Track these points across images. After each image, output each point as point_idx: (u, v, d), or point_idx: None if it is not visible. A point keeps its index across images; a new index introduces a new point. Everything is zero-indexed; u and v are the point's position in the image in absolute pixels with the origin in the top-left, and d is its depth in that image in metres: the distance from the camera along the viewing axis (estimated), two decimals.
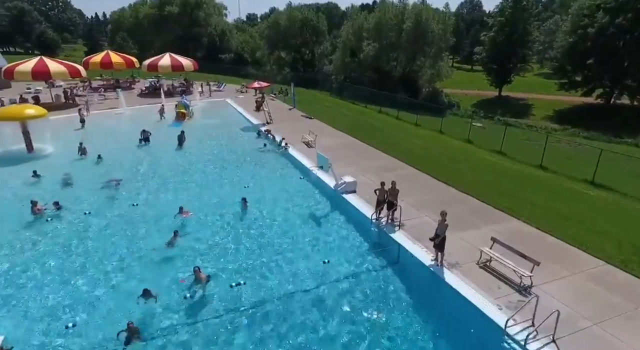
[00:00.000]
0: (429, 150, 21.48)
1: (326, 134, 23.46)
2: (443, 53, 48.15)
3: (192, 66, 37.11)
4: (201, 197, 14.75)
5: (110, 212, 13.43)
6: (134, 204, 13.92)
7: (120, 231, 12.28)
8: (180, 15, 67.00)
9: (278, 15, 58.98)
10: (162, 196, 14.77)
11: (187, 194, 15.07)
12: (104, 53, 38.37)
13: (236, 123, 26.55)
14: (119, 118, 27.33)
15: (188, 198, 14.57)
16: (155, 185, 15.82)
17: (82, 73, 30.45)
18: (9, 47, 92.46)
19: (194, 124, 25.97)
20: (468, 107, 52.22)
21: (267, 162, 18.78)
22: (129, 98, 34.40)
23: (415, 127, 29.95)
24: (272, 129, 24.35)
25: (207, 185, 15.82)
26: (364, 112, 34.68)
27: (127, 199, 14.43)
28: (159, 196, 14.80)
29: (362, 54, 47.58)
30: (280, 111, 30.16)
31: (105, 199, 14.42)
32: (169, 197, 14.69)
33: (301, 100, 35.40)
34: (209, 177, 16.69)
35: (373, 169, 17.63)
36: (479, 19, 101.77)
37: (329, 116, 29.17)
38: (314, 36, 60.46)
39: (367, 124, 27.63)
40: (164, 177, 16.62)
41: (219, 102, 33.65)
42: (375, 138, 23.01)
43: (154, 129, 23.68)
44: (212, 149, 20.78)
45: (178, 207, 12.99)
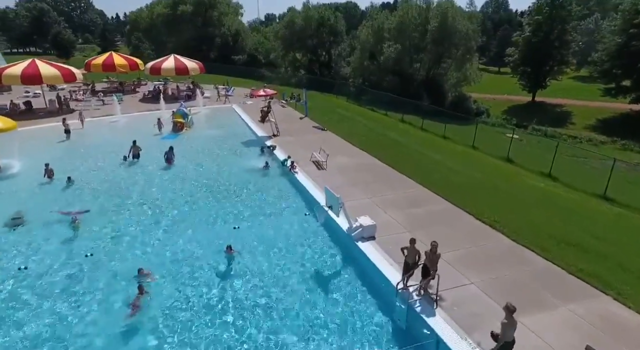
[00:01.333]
0: (465, 175, 17.77)
1: (340, 151, 20.07)
2: (471, 55, 43.91)
3: (198, 69, 34.40)
4: (175, 243, 11.61)
5: (57, 264, 10.44)
6: (88, 254, 10.87)
7: (62, 300, 9.17)
8: (194, 15, 64.91)
9: (293, 14, 55.90)
10: (125, 241, 11.68)
11: (161, 236, 11.98)
12: (107, 55, 36.11)
13: (239, 135, 23.47)
14: (111, 127, 24.69)
15: (160, 244, 11.50)
16: (124, 222, 12.76)
17: (77, 77, 28.08)
18: (29, 48, 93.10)
19: (191, 136, 23.05)
20: (498, 114, 47.78)
21: (267, 190, 15.52)
22: (130, 103, 32.03)
23: (444, 141, 26.16)
24: (278, 143, 21.17)
25: (188, 225, 12.68)
26: (384, 122, 31.06)
27: (82, 245, 11.39)
28: (121, 241, 11.68)
29: (382, 56, 43.92)
30: (290, 121, 26.94)
31: (56, 243, 11.40)
32: (136, 244, 11.58)
33: (315, 107, 32.12)
34: (193, 212, 13.54)
35: (397, 202, 14.13)
36: (507, 18, 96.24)
37: (344, 127, 25.77)
38: (331, 36, 57.08)
39: (388, 138, 24.06)
40: (139, 210, 13.60)
41: (224, 109, 30.72)
42: (399, 157, 19.46)
43: (148, 142, 20.96)
44: (205, 169, 17.68)
45: (140, 267, 9.90)
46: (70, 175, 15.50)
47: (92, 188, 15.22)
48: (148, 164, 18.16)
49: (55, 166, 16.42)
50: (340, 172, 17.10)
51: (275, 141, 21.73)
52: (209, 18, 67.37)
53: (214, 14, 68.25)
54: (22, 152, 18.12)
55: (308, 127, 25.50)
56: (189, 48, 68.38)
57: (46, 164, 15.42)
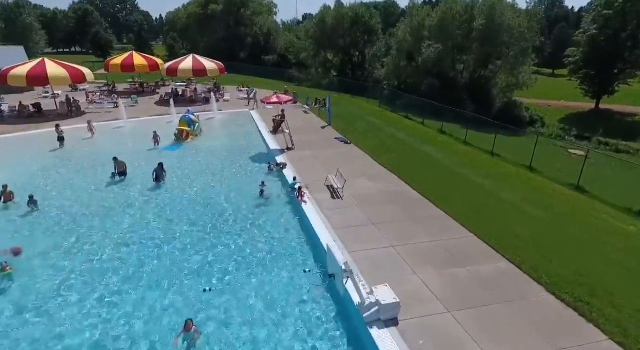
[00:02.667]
0: (525, 212, 13.52)
1: (364, 172, 16.43)
2: (526, 56, 38.26)
3: (217, 70, 31.99)
4: (115, 314, 8.56)
5: None
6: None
7: None
8: (225, 14, 63.46)
9: (325, 12, 52.58)
10: (59, 305, 8.76)
11: (103, 300, 8.99)
12: (127, 54, 34.70)
13: (249, 147, 20.43)
14: (113, 134, 22.54)
15: (90, 315, 8.49)
16: (68, 271, 9.88)
17: (87, 78, 26.41)
18: (72, 48, 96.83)
19: (195, 147, 20.30)
20: (554, 123, 41.70)
21: (264, 227, 12.17)
22: (145, 106, 30.17)
23: (493, 160, 21.67)
24: (291, 159, 17.90)
25: (148, 282, 9.50)
26: (420, 133, 26.85)
27: (8, 306, 8.61)
28: (53, 303, 8.72)
29: (421, 57, 39.40)
30: (310, 130, 23.60)
31: None
32: (71, 310, 8.60)
33: (341, 114, 28.57)
34: (160, 261, 10.30)
35: (433, 254, 10.34)
36: (563, 15, 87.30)
37: (372, 139, 22.03)
38: (365, 35, 53.18)
39: (423, 155, 20.03)
40: (94, 254, 10.69)
41: (240, 115, 27.93)
42: (437, 183, 15.51)
43: (147, 153, 18.56)
44: (195, 193, 14.66)
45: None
46: (34, 196, 13.00)
47: (54, 216, 12.63)
48: (135, 183, 15.50)
49: (30, 181, 14.13)
50: (360, 203, 13.48)
51: (289, 156, 18.47)
52: (240, 17, 65.75)
53: (246, 13, 66.55)
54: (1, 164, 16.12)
55: (329, 138, 22.00)
56: (220, 48, 67.34)
57: (4, 186, 12.98)
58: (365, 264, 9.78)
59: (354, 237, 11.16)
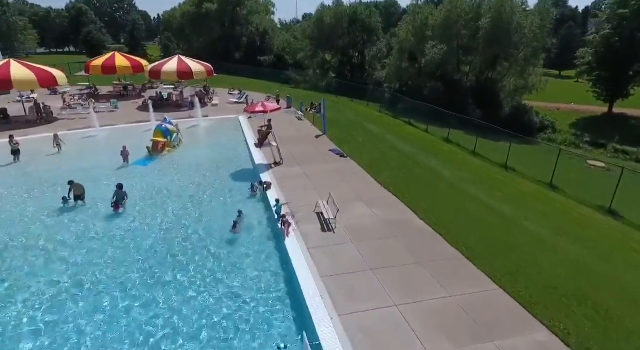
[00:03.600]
0: (561, 253, 11.10)
1: (361, 194, 14.03)
2: (537, 58, 35.75)
3: (205, 73, 29.57)
4: None
5: None
6: None
7: None
8: (219, 13, 61.03)
9: (323, 10, 50.15)
10: None
11: None
12: (109, 55, 32.32)
13: (233, 161, 17.99)
14: (81, 146, 20.03)
15: None
16: None
17: (59, 80, 24.02)
18: (66, 48, 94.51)
19: (171, 161, 17.89)
20: (565, 129, 39.25)
21: (233, 278, 9.71)
22: (126, 111, 27.77)
23: (507, 175, 19.26)
24: (278, 176, 15.53)
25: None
26: (424, 142, 24.44)
27: None
28: None
29: (424, 58, 36.92)
30: (302, 141, 21.19)
31: None
32: None
33: (338, 120, 26.19)
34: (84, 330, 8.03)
35: (450, 317, 7.94)
36: (571, 14, 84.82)
37: (371, 152, 19.62)
38: (364, 35, 50.76)
39: (428, 170, 17.60)
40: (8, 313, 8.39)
41: (227, 122, 25.47)
42: (448, 210, 13.11)
43: (115, 170, 16.14)
44: (160, 225, 12.20)
45: None
46: None
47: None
48: (91, 210, 13.09)
49: None
50: (356, 238, 11.10)
51: (277, 173, 16.07)
52: (236, 16, 63.33)
53: (242, 12, 64.15)
54: None
55: (324, 150, 19.57)
56: (215, 48, 64.93)
57: None
58: (362, 339, 7.39)
59: (347, 291, 8.78)
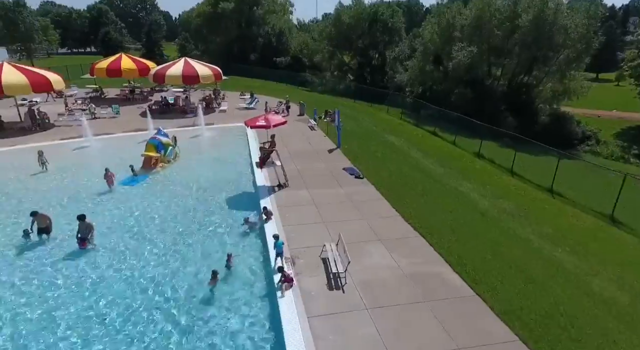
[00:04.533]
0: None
1: (379, 231, 11.41)
2: (581, 60, 31.95)
3: (212, 76, 27.49)
4: None
5: None
6: None
7: None
8: (235, 13, 59.28)
9: (342, 10, 47.53)
10: None
11: None
12: (116, 57, 30.74)
13: (233, 180, 15.62)
14: (67, 160, 17.88)
15: None
16: None
17: (55, 85, 22.39)
18: (87, 48, 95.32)
19: (161, 181, 15.68)
20: (610, 139, 35.26)
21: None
22: (127, 117, 25.91)
23: (557, 204, 16.15)
24: (281, 204, 13.07)
25: None
26: (454, 158, 21.49)
27: None
28: None
29: (451, 62, 33.71)
30: (314, 155, 18.69)
31: None
32: None
33: (355, 131, 23.57)
34: None
35: None
36: (610, 13, 78.93)
37: (392, 171, 16.91)
38: (385, 36, 47.84)
39: (465, 200, 14.69)
40: None
41: (233, 131, 23.18)
42: (491, 258, 10.31)
43: (98, 196, 14.07)
44: (131, 272, 9.98)
45: None
46: None
47: None
48: (57, 246, 10.98)
49: None
50: (372, 302, 8.54)
51: (280, 199, 13.64)
52: (252, 16, 61.48)
53: (259, 12, 62.25)
54: None
55: (337, 169, 16.99)
56: (231, 49, 63.31)
57: None
58: None
59: None
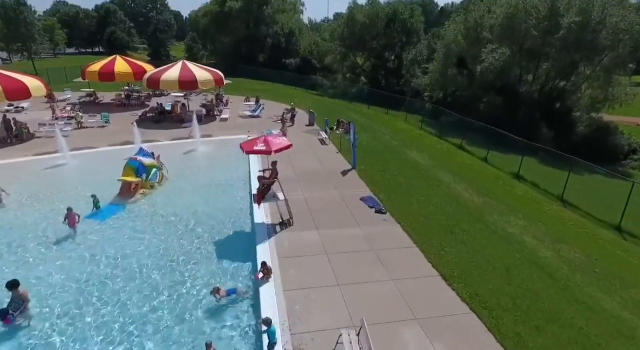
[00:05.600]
0: None
1: (414, 304, 8.30)
2: (626, 63, 28.26)
3: (212, 81, 24.67)
4: None
5: None
6: None
7: None
8: (243, 12, 56.70)
9: (355, 8, 44.41)
10: None
11: None
12: (109, 59, 28.21)
13: (226, 214, 12.65)
14: (39, 184, 15.26)
15: None
16: None
17: (33, 92, 19.78)
18: (94, 48, 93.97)
19: (139, 213, 12.81)
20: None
21: None
22: (117, 126, 23.24)
23: (628, 246, 12.84)
24: (283, 252, 10.09)
25: None
26: (490, 181, 18.24)
27: None
28: None
29: (480, 65, 30.21)
30: (324, 179, 15.66)
31: None
32: None
33: (371, 145, 20.49)
34: None
35: None
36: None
37: (420, 201, 13.78)
38: (403, 36, 44.56)
39: (517, 246, 11.48)
40: None
41: (233, 144, 20.05)
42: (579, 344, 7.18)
43: (58, 232, 11.31)
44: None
45: None
46: None
47: None
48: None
49: None
50: None
51: (282, 245, 10.66)
52: (261, 15, 58.84)
53: (268, 11, 59.60)
54: None
55: (353, 199, 13.92)
56: (239, 49, 60.81)
57: None
58: None
59: None
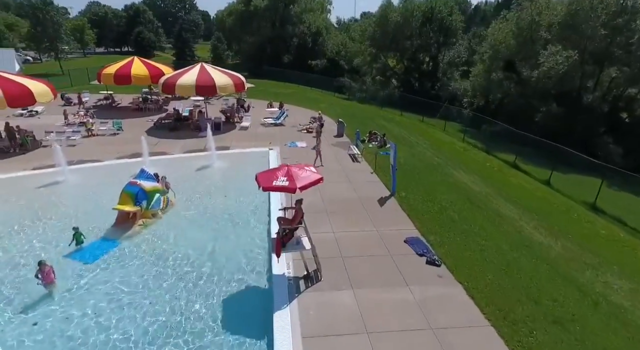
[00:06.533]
0: None
1: None
2: None
3: (232, 86, 22.37)
4: None
5: None
6: None
7: None
8: (269, 11, 54.64)
9: (389, 6, 41.26)
10: None
11: None
12: (127, 61, 26.54)
13: (238, 265, 10.08)
14: (31, 204, 13.32)
15: None
16: None
17: (37, 98, 18.06)
18: (123, 48, 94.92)
19: (133, 253, 10.47)
20: None
21: None
22: (132, 134, 21.31)
23: None
24: (308, 328, 7.39)
25: None
26: (561, 215, 14.85)
27: None
28: None
29: (537, 70, 26.27)
30: (357, 210, 12.84)
31: None
32: None
33: (409, 162, 17.51)
34: None
35: None
36: None
37: (484, 249, 10.75)
38: (440, 36, 41.04)
39: (631, 324, 8.39)
40: None
41: (253, 159, 17.78)
42: None
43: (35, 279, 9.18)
44: None
45: None
46: None
47: None
48: None
49: None
50: None
51: (307, 309, 7.99)
52: (287, 14, 56.61)
53: (294, 10, 57.29)
54: None
55: (395, 240, 11.05)
56: (264, 50, 58.89)
57: None
58: None
59: None
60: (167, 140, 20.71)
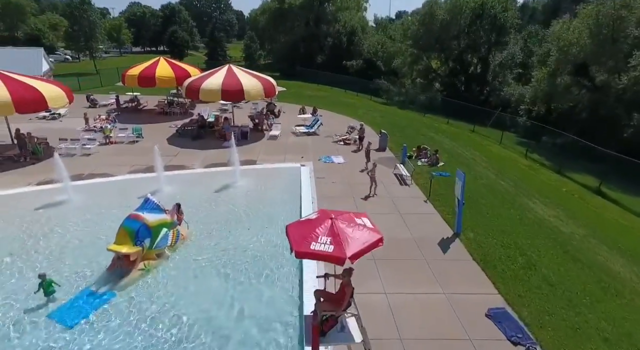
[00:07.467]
0: None
1: None
2: None
3: (261, 91, 19.92)
4: None
5: None
6: None
7: None
8: (304, 10, 52.26)
9: (435, 3, 37.58)
10: None
11: None
12: (152, 62, 24.81)
13: (255, 339, 7.53)
14: (26, 231, 11.31)
15: None
16: None
17: (50, 103, 16.37)
18: (160, 47, 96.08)
19: (125, 315, 8.04)
20: None
21: None
22: (153, 142, 19.22)
23: None
24: None
25: None
26: None
27: None
28: None
29: (626, 75, 21.79)
30: (415, 257, 9.82)
31: None
32: None
33: (474, 189, 14.16)
34: None
35: None
36: None
37: (602, 333, 7.50)
38: (492, 35, 36.91)
39: None
40: None
41: (281, 177, 15.18)
42: None
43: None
44: None
45: None
46: None
47: None
48: None
49: None
50: None
51: None
52: (322, 13, 54.01)
53: (330, 9, 54.62)
54: None
55: (472, 309, 8.00)
56: (297, 50, 56.70)
57: None
58: None
59: None
60: (188, 150, 18.57)
